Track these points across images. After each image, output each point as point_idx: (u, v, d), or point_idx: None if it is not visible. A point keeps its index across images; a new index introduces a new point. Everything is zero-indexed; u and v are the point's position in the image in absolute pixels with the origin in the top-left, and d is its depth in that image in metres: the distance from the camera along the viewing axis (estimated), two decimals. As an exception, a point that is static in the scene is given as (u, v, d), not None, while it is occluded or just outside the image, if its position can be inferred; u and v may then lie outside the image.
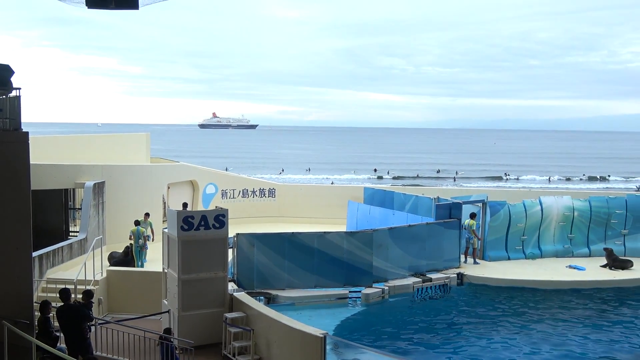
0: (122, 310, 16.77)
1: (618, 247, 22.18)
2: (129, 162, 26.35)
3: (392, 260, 18.64)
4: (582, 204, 22.75)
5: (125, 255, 19.35)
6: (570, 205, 22.60)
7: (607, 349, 15.06)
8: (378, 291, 17.76)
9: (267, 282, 16.99)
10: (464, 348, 15.07)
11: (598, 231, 22.61)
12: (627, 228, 22.64)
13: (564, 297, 18.61)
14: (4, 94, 12.26)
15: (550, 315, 17.36)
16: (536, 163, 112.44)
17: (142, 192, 23.14)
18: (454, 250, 20.22)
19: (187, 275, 13.94)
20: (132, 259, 19.36)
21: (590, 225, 22.62)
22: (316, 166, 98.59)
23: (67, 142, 30.26)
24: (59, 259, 18.13)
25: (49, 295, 15.52)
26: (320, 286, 17.48)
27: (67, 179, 21.43)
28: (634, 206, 22.71)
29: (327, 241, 17.66)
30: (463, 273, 19.57)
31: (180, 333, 13.55)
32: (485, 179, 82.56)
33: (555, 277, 19.69)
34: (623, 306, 18.26)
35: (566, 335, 15.91)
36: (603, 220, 22.67)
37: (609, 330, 16.28)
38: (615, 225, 22.67)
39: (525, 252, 22.00)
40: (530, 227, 22.04)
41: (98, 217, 20.65)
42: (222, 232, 14.38)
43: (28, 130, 11.68)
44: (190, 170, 27.58)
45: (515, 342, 15.39)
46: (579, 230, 22.60)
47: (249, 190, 28.70)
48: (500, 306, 18.04)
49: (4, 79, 12.27)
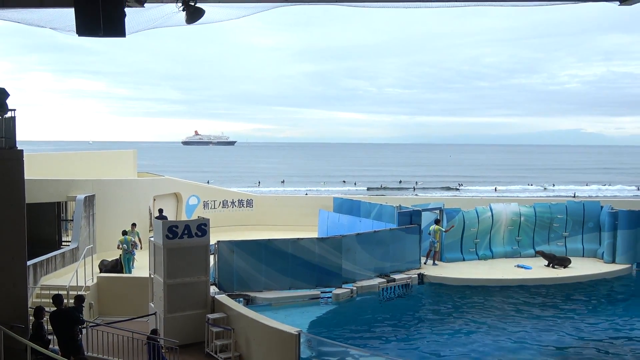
0: (112, 313, 16.49)
1: (560, 247, 22.56)
2: (117, 177, 26.01)
3: (360, 263, 18.66)
4: (528, 209, 23.08)
5: (113, 267, 19.00)
6: (517, 211, 22.92)
7: (552, 338, 15.25)
8: (347, 291, 17.75)
9: (246, 284, 16.86)
10: (427, 341, 15.12)
11: (542, 234, 22.95)
12: (567, 231, 23.01)
13: (513, 293, 18.81)
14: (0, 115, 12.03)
15: (501, 310, 17.54)
16: (487, 174, 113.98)
17: (130, 204, 22.87)
18: (415, 253, 20.32)
19: (172, 280, 13.80)
20: (120, 270, 19.04)
21: (535, 228, 22.96)
22: (290, 178, 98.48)
23: (60, 158, 29.78)
24: (53, 267, 17.80)
25: (43, 300, 15.21)
26: (294, 288, 17.41)
27: (59, 193, 21.10)
28: (573, 211, 23.11)
29: (300, 246, 17.62)
30: (423, 273, 19.67)
31: (166, 333, 13.39)
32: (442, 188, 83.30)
33: (505, 275, 19.92)
34: (564, 300, 18.52)
35: (516, 326, 16.07)
36: (546, 224, 23.03)
37: (552, 322, 16.49)
38: (557, 229, 23.04)
39: (478, 254, 22.22)
40: (482, 231, 22.28)
41: (89, 228, 20.32)
42: (204, 239, 14.27)
43: (23, 148, 11.51)
44: (174, 183, 27.34)
45: (472, 335, 15.49)
46: (525, 234, 22.91)
47: (228, 201, 28.54)
48: (457, 303, 18.17)
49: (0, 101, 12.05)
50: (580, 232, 22.95)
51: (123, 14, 10.55)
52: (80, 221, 19.78)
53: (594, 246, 22.74)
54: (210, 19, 11.86)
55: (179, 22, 11.65)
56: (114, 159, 30.58)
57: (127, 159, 30.76)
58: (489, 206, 22.78)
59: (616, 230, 21.73)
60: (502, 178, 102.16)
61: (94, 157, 31.02)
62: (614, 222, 21.79)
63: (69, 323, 11.49)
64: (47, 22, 11.75)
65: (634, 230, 21.57)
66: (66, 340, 11.40)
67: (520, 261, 21.73)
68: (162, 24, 12.07)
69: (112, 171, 27.70)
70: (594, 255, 22.54)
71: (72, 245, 19.42)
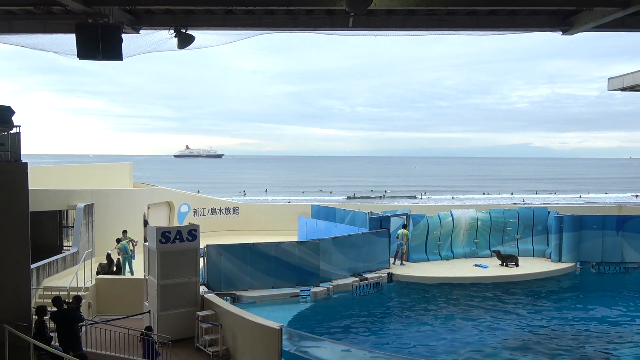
0: (109, 312, 16.20)
1: (512, 248, 22.80)
2: (114, 187, 25.68)
3: (335, 264, 18.64)
4: (484, 215, 23.31)
5: (109, 267, 18.69)
6: (475, 216, 23.13)
7: (507, 329, 15.43)
8: (324, 289, 17.71)
9: (232, 284, 16.72)
10: (396, 333, 15.14)
11: (497, 236, 23.18)
12: (519, 233, 23.27)
13: (472, 289, 18.97)
14: (6, 131, 11.84)
15: (462, 305, 17.66)
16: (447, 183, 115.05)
17: (126, 212, 22.56)
18: (385, 254, 20.37)
19: (165, 281, 13.64)
20: (118, 269, 18.74)
21: (491, 232, 23.18)
22: (272, 188, 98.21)
23: (61, 170, 29.28)
24: (54, 270, 17.47)
25: (45, 301, 14.87)
26: (276, 287, 17.31)
27: (61, 202, 20.73)
28: (524, 216, 23.41)
29: (282, 249, 17.55)
30: (392, 273, 19.71)
31: (160, 329, 13.21)
32: (408, 197, 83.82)
33: (465, 274, 20.06)
34: (517, 295, 18.72)
35: (476, 319, 16.20)
36: (500, 228, 23.26)
37: (507, 314, 16.67)
38: (510, 232, 23.28)
39: (441, 255, 22.34)
40: (444, 234, 22.43)
41: (88, 234, 20.00)
42: (195, 244, 14.15)
43: (28, 161, 11.34)
44: (167, 193, 27.06)
45: (437, 327, 15.58)
46: (482, 236, 23.12)
47: (216, 209, 28.32)
48: (423, 298, 18.24)
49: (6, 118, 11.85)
50: (530, 234, 23.23)
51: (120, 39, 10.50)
52: (80, 227, 19.46)
53: (542, 247, 23.04)
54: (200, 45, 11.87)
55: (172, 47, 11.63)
56: (112, 171, 30.16)
57: (124, 170, 30.37)
58: (450, 212, 22.95)
59: (562, 233, 22.05)
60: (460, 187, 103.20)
61: (93, 169, 30.59)
62: (560, 226, 22.11)
63: (70, 321, 11.31)
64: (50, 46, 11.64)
65: (577, 232, 21.94)
66: (67, 337, 11.22)
67: (478, 261, 21.91)
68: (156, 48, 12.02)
69: (109, 182, 27.34)
70: (543, 255, 22.84)
71: (73, 250, 19.08)
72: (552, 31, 12.10)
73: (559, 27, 11.85)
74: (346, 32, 12.09)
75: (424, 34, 12.21)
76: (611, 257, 21.99)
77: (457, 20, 11.50)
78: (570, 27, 11.65)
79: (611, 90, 23.52)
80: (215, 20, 11.26)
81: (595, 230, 22.03)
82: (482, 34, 12.20)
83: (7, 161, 11.29)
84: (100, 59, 10.36)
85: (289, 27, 11.62)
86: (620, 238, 22.03)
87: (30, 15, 11.23)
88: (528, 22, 11.70)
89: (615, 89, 23.31)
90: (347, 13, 10.91)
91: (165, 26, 11.39)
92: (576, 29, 11.57)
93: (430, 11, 11.19)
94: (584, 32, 11.96)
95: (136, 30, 11.58)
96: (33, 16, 11.23)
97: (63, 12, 10.91)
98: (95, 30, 10.14)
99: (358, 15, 11.10)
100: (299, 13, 11.28)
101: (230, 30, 11.84)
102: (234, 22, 11.33)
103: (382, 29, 11.79)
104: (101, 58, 10.32)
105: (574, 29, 11.62)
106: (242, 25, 11.38)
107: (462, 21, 11.53)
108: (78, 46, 10.27)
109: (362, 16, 11.31)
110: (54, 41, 11.65)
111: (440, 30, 11.96)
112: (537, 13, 11.62)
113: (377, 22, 11.55)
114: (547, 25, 11.84)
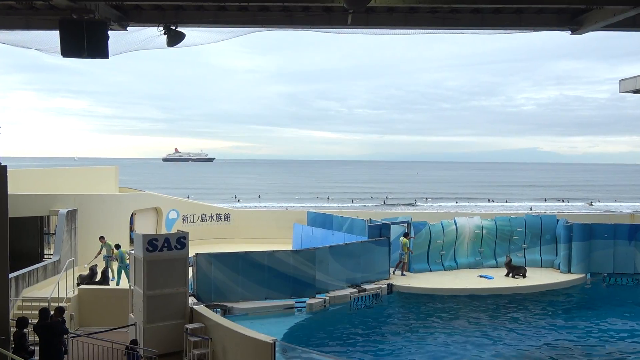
0: (92, 324, 16.11)
1: (519, 258, 22.83)
2: (99, 192, 25.62)
3: (332, 274, 18.63)
4: (489, 223, 23.34)
5: (90, 278, 18.62)
6: (479, 224, 23.16)
7: (513, 343, 15.41)
8: (320, 301, 17.69)
9: (223, 295, 16.68)
10: (396, 348, 15.11)
11: (503, 246, 23.19)
12: (526, 243, 23.29)
13: (476, 302, 18.97)
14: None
15: (466, 317, 17.65)
16: (450, 189, 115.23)
17: (111, 219, 22.51)
18: (384, 264, 20.38)
19: (152, 291, 13.59)
20: (104, 279, 18.64)
21: (497, 240, 23.20)
22: (266, 194, 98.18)
23: (43, 174, 29.22)
24: (34, 279, 17.38)
25: (25, 312, 14.84)
26: (270, 298, 17.28)
27: (42, 207, 20.68)
28: (532, 224, 23.45)
29: (276, 258, 17.53)
30: (392, 284, 19.72)
31: (146, 343, 13.15)
32: (409, 204, 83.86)
33: (469, 285, 20.08)
34: (524, 308, 18.73)
35: (480, 332, 16.19)
36: (507, 237, 23.29)
37: (513, 328, 16.65)
38: (517, 241, 23.31)
39: (444, 265, 22.36)
40: (447, 243, 22.45)
41: (70, 241, 19.94)
42: (183, 252, 14.11)
43: (11, 164, 11.32)
44: (154, 198, 27.02)
45: (439, 341, 15.55)
46: (487, 245, 23.15)
47: (207, 215, 28.30)
48: (425, 311, 18.23)
49: (-15, 118, 11.84)
50: (538, 244, 23.29)
51: (106, 36, 10.52)
52: (63, 235, 19.40)
53: (551, 257, 23.09)
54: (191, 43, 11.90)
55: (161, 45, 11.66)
56: (96, 175, 30.10)
57: (109, 174, 30.32)
58: (454, 219, 22.98)
59: (571, 242, 22.11)
60: (464, 194, 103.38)
61: (76, 173, 30.50)
62: (569, 235, 22.17)
63: (56, 335, 11.27)
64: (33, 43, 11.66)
65: (587, 242, 21.99)
66: (52, 351, 11.16)
67: (482, 271, 21.93)
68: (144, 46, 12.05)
69: (94, 187, 27.26)
70: (551, 266, 22.88)
71: (54, 258, 19.00)
72: (560, 30, 12.19)
73: (567, 26, 11.93)
74: (344, 31, 12.15)
75: (426, 33, 12.28)
76: (623, 268, 22.05)
77: (461, 19, 11.58)
78: (580, 26, 11.74)
79: (623, 92, 23.61)
80: (206, 17, 11.31)
81: (606, 240, 22.08)
82: (487, 33, 12.28)
83: (-15, 164, 11.25)
84: (85, 57, 10.38)
85: (284, 25, 11.67)
86: (632, 248, 22.09)
87: (12, 10, 11.24)
88: (535, 21, 11.79)
89: (627, 91, 23.40)
90: (345, 10, 10.97)
91: (154, 23, 11.43)
92: (586, 28, 11.65)
93: (433, 9, 11.26)
94: (593, 32, 12.05)
95: (123, 27, 11.61)
96: (15, 11, 11.25)
97: (47, 8, 10.93)
98: (80, 26, 10.16)
99: (357, 12, 11.16)
100: (295, 10, 11.33)
101: (223, 28, 11.88)
102: (226, 19, 11.38)
103: (383, 27, 11.86)
104: (86, 56, 10.33)
105: (583, 28, 11.71)
106: (235, 22, 11.43)
107: (466, 19, 11.61)
108: (62, 43, 10.29)
109: (362, 14, 11.38)
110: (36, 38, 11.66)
111: (443, 28, 12.04)
112: (544, 11, 11.70)
113: (377, 20, 11.61)
114: (555, 24, 11.93)
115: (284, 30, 12.22)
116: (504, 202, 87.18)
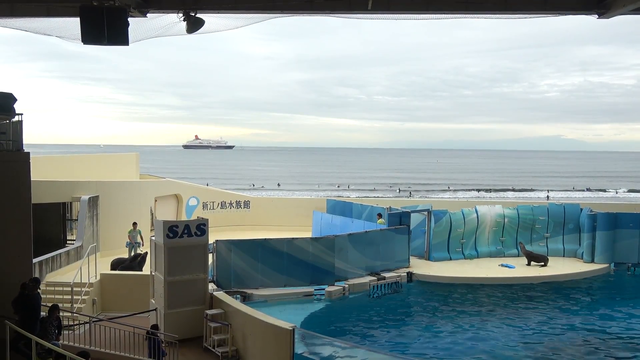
0: (114, 309, 16.42)
1: (541, 248, 22.58)
2: (120, 179, 25.94)
3: (351, 262, 18.64)
4: (511, 211, 23.11)
5: (131, 261, 18.85)
6: (501, 213, 22.95)
7: (534, 334, 15.31)
8: (339, 289, 17.73)
9: (242, 282, 16.81)
10: (415, 336, 15.12)
11: (525, 235, 22.94)
12: (549, 232, 23.02)
13: (497, 291, 18.84)
14: (8, 119, 12.00)
15: (486, 307, 17.55)
16: (472, 177, 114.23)
17: (132, 205, 22.79)
18: (404, 252, 20.32)
19: (172, 277, 13.76)
20: (137, 265, 18.82)
21: (519, 229, 22.95)
22: (285, 181, 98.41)
23: (65, 161, 29.68)
24: (57, 264, 17.73)
25: (48, 296, 15.13)
26: (289, 285, 17.36)
27: (65, 194, 21.01)
28: (554, 213, 23.16)
29: (295, 246, 17.59)
30: (412, 272, 19.68)
31: (166, 328, 13.34)
32: (430, 191, 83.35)
33: (490, 274, 19.92)
34: (546, 298, 18.54)
35: (501, 322, 16.10)
36: (529, 226, 23.04)
37: (535, 318, 16.53)
38: (539, 230, 23.05)
39: (464, 253, 22.22)
40: (468, 232, 22.29)
41: (92, 227, 20.25)
42: (203, 239, 14.25)
43: (35, 150, 11.49)
44: (174, 185, 27.27)
45: (458, 330, 15.51)
46: (509, 234, 22.93)
47: (226, 202, 28.48)
48: (444, 300, 18.16)
49: (8, 105, 12.02)
50: (561, 233, 22.99)
51: (126, 23, 10.55)
52: (85, 221, 19.71)
53: (574, 247, 22.79)
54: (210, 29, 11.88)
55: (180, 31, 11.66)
56: (117, 162, 30.48)
57: (130, 162, 30.66)
58: (475, 208, 22.79)
59: (595, 232, 21.79)
60: (486, 182, 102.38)
61: (97, 160, 30.96)
62: (593, 224, 21.85)
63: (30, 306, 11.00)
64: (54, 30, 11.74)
65: (611, 231, 21.65)
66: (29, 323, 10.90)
67: (504, 260, 21.75)
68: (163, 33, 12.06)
69: (115, 173, 27.61)
70: (574, 255, 22.60)
71: (77, 244, 19.35)
72: (586, 14, 11.90)
73: (594, 10, 11.64)
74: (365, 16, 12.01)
75: (448, 18, 12.09)
76: (649, 258, 21.67)
77: (485, 3, 11.36)
78: (607, 10, 11.44)
79: (651, 78, 23.09)
80: (226, 2, 11.27)
81: (631, 229, 21.70)
82: (511, 18, 12.04)
83: (8, 150, 11.46)
84: (105, 44, 10.43)
85: (304, 11, 11.58)
86: (658, 238, 21.68)
87: (33, -3, 11.33)
88: (561, 5, 11.52)
89: (655, 77, 22.88)
90: (366, -5, 10.83)
91: (174, 9, 11.41)
92: (613, 11, 11.36)
93: (456, -7, 11.07)
94: (621, 16, 11.75)
95: (143, 13, 11.63)
96: (36, -1, 11.34)
97: (67, -5, 10.99)
98: (100, 13, 10.20)
99: (378, -3, 11.02)
100: (315, -5, 11.22)
101: (242, 14, 11.84)
102: (246, 5, 11.32)
103: (404, 12, 11.70)
104: (107, 43, 10.38)
105: (611, 11, 11.41)
106: (255, 8, 11.37)
107: (490, 3, 11.39)
108: (82, 30, 10.34)
109: (383, -2, 11.23)
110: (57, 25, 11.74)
111: (466, 13, 11.83)
112: (571, -6, 11.44)
113: (398, 4, 11.45)
114: (582, 8, 11.65)
115: (304, 15, 12.13)
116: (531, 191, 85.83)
